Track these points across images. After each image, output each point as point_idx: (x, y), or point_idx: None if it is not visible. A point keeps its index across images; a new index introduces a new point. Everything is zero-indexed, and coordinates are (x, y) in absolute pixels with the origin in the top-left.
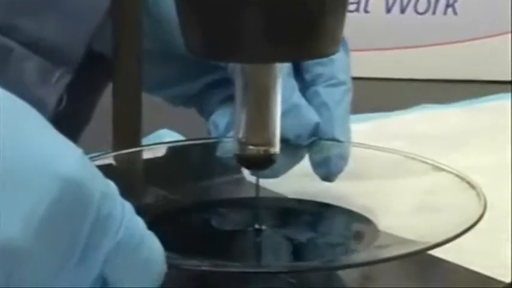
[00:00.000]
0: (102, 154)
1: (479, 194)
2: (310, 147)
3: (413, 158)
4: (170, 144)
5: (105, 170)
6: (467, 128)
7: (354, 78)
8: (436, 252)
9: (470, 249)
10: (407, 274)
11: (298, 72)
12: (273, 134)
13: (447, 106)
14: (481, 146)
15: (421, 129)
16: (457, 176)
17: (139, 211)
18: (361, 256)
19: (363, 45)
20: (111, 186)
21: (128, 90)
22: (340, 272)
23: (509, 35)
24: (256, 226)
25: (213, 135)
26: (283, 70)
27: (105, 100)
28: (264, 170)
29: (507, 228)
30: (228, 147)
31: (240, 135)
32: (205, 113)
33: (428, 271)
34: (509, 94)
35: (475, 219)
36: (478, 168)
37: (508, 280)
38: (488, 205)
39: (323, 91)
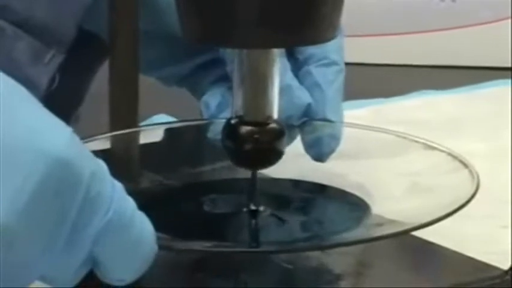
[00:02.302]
0: (96, 136)
1: (472, 173)
2: (302, 127)
3: (404, 137)
4: (164, 126)
5: (99, 152)
6: (465, 114)
7: (353, 64)
8: (433, 238)
9: (468, 235)
10: (403, 260)
11: (290, 52)
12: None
13: (446, 92)
14: (479, 132)
15: (419, 115)
16: (449, 154)
17: (131, 192)
18: (352, 235)
19: (361, 31)
20: (101, 166)
21: (124, 73)
22: (335, 258)
23: (509, 20)
24: (249, 207)
25: (205, 115)
26: (280, 53)
27: (103, 84)
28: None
29: (504, 215)
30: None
31: (239, 111)
32: (198, 93)
33: (424, 257)
34: (509, 80)
35: (467, 198)
36: (476, 154)
37: (505, 267)
38: (486, 191)
39: (315, 71)
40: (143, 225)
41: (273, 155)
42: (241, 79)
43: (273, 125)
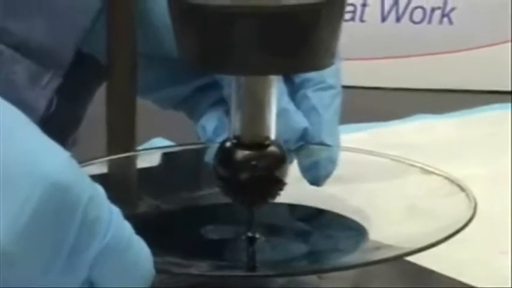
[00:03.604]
0: (94, 160)
1: (469, 197)
2: (298, 151)
3: (401, 162)
4: (161, 150)
5: (96, 176)
6: (463, 138)
7: (350, 87)
8: (430, 264)
9: (466, 261)
10: (400, 286)
11: (287, 76)
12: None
13: (443, 116)
14: (477, 157)
15: (417, 139)
16: (446, 178)
17: (129, 216)
18: (349, 260)
19: (358, 54)
20: (99, 190)
21: (122, 96)
22: (332, 283)
23: (509, 44)
24: (246, 232)
25: (202, 139)
26: (277, 77)
27: (100, 107)
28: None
29: (503, 240)
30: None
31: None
32: (195, 117)
33: (421, 284)
34: (507, 104)
35: (464, 222)
36: (474, 179)
37: None
38: (483, 216)
39: (312, 95)
40: (140, 250)
41: (273, 185)
42: (238, 103)
43: (272, 148)
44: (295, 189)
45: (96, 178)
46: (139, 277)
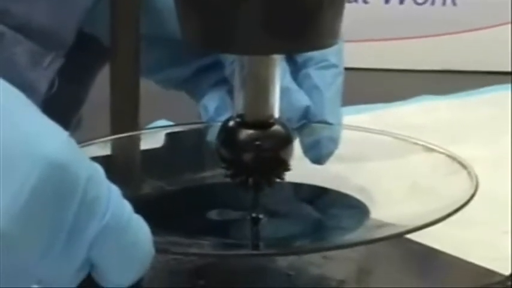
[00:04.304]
0: (94, 140)
1: (471, 174)
2: (300, 130)
3: (404, 140)
4: (163, 130)
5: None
6: (466, 119)
7: (353, 69)
8: (434, 244)
9: (469, 241)
10: (405, 266)
11: (290, 55)
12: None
13: (446, 97)
14: (479, 138)
15: (419, 120)
16: (449, 156)
17: (130, 197)
18: (351, 238)
19: (361, 36)
20: (98, 170)
21: (126, 76)
22: (338, 264)
23: (509, 25)
24: (249, 212)
25: (203, 118)
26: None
27: (104, 91)
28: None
29: (505, 220)
30: None
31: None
32: (197, 97)
33: (426, 263)
34: (508, 85)
35: (466, 199)
36: (477, 160)
37: (507, 273)
38: (487, 197)
39: (314, 73)
40: (140, 229)
41: (278, 166)
42: (242, 82)
43: (276, 127)
44: (297, 168)
45: (99, 159)
46: (139, 256)
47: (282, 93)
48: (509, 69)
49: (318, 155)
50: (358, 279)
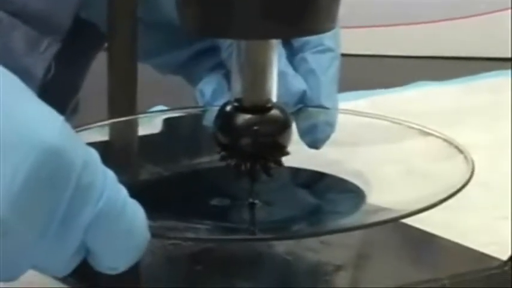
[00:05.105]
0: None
1: (467, 159)
2: (296, 114)
3: (399, 123)
4: (160, 115)
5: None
6: (464, 105)
7: (351, 55)
8: (431, 229)
9: (467, 226)
10: (403, 251)
11: (286, 39)
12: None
13: (444, 83)
14: (478, 124)
15: (418, 106)
16: (445, 140)
17: (126, 182)
18: (347, 222)
19: (360, 23)
20: (93, 155)
21: (123, 64)
22: (335, 249)
23: (509, 11)
24: (245, 197)
25: (200, 103)
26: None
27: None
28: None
29: (504, 206)
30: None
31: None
32: (193, 81)
33: (424, 248)
34: (508, 71)
35: (462, 183)
36: (476, 146)
37: (504, 257)
38: (484, 182)
39: (310, 58)
40: (135, 214)
41: (276, 151)
42: (239, 66)
43: (274, 112)
44: (293, 153)
45: (96, 145)
46: (134, 241)
47: (278, 77)
48: (509, 55)
49: (314, 139)
50: (356, 264)
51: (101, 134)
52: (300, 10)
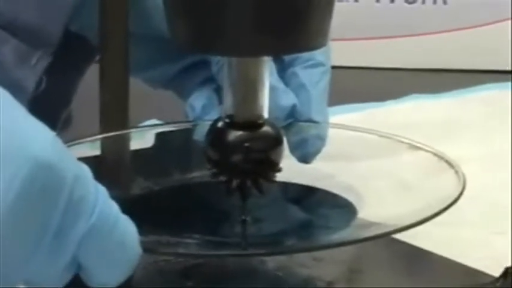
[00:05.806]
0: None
1: (458, 173)
2: (287, 129)
3: (389, 138)
4: (152, 129)
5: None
6: (459, 118)
7: (344, 68)
8: (423, 245)
9: (461, 241)
10: (395, 267)
11: (278, 56)
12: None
13: (439, 96)
14: (472, 137)
15: (412, 119)
16: (435, 155)
17: (118, 196)
18: (338, 237)
19: (353, 35)
20: (85, 170)
21: (115, 77)
22: (327, 265)
23: (509, 21)
24: (238, 211)
25: (190, 117)
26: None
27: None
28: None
29: (497, 220)
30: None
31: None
32: (184, 96)
33: (416, 264)
34: (500, 84)
35: (453, 198)
36: (470, 159)
37: (497, 273)
38: (478, 196)
39: (301, 72)
40: (127, 229)
41: (268, 168)
42: (230, 82)
43: (266, 128)
44: (284, 167)
45: (87, 159)
46: (126, 256)
47: (268, 92)
48: (509, 68)
49: (305, 153)
50: (347, 280)
51: (92, 149)
52: (292, 27)
